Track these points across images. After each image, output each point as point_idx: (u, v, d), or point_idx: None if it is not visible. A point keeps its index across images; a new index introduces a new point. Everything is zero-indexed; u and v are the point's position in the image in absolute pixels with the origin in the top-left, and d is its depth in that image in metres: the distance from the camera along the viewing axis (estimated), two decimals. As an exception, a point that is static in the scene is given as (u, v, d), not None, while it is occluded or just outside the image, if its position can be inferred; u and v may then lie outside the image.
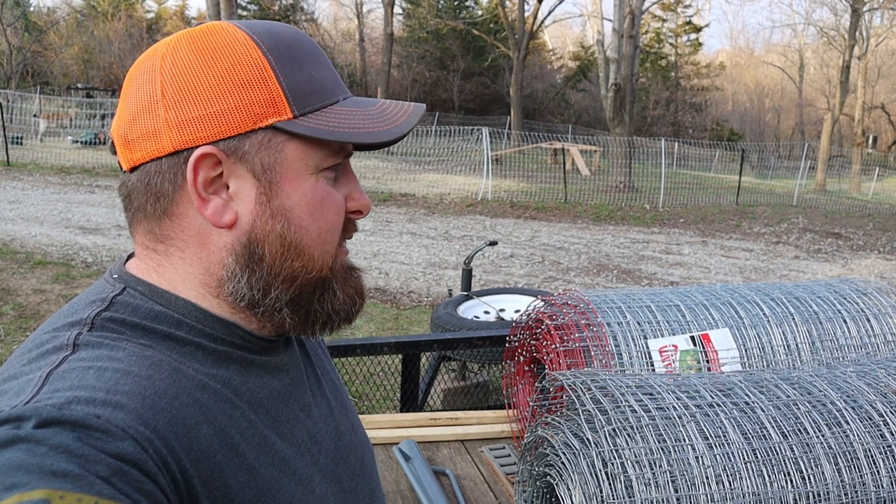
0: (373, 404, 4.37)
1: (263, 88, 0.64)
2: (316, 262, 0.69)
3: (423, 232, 10.87)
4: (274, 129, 0.65)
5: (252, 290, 0.67)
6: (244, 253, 0.67)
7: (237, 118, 0.64)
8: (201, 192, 0.65)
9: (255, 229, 0.66)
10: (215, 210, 0.65)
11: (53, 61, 33.98)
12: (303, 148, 0.67)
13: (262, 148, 0.65)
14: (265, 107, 0.64)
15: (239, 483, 0.61)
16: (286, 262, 0.68)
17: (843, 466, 1.28)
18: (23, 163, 15.27)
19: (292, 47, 0.67)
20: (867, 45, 26.20)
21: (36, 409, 0.51)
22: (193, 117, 0.64)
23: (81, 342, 0.60)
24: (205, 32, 0.67)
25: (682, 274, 9.12)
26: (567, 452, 1.30)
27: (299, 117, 0.66)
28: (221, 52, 0.65)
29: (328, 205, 0.69)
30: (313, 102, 0.67)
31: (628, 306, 1.89)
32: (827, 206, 17.42)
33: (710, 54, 51.62)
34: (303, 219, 0.68)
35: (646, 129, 34.45)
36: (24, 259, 7.50)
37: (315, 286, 0.70)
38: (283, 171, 0.66)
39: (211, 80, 0.64)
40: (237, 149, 0.65)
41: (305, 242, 0.68)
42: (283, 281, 0.68)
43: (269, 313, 0.69)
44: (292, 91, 0.65)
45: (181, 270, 0.68)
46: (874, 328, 1.90)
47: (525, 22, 29.26)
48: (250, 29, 0.67)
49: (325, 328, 0.73)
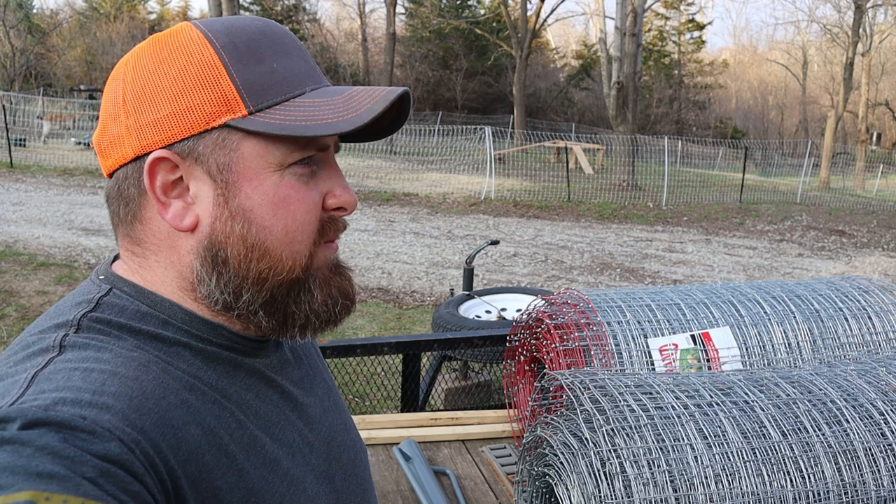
0: (374, 404, 4.37)
1: (215, 87, 0.63)
2: (285, 262, 0.67)
3: (426, 231, 10.86)
4: (228, 127, 0.64)
5: (223, 293, 0.66)
6: (208, 256, 0.66)
7: (190, 119, 0.63)
8: (160, 196, 0.65)
9: (214, 231, 0.65)
10: (175, 214, 0.65)
11: (56, 63, 34.05)
12: (262, 145, 0.64)
13: (217, 148, 0.64)
14: (217, 105, 0.63)
15: (228, 484, 0.61)
16: (252, 264, 0.66)
17: (843, 465, 1.28)
18: (26, 164, 15.31)
19: (253, 41, 0.66)
20: (871, 41, 26.09)
21: (21, 411, 0.51)
22: (149, 121, 0.64)
23: (68, 343, 0.60)
24: (166, 35, 0.66)
25: (685, 272, 9.11)
26: (565, 452, 1.29)
27: (255, 113, 0.64)
28: (175, 54, 0.64)
29: (295, 202, 0.66)
30: (272, 97, 0.65)
31: (628, 305, 1.88)
32: (831, 203, 17.36)
33: (714, 52, 51.50)
34: (265, 218, 0.65)
35: (649, 128, 34.38)
36: (27, 261, 7.52)
37: (289, 287, 0.68)
38: (241, 170, 0.64)
39: (164, 83, 0.64)
40: (192, 150, 0.64)
41: (270, 243, 0.66)
42: (252, 283, 0.66)
43: (245, 316, 0.68)
44: (247, 87, 0.64)
45: (159, 273, 0.68)
46: (876, 326, 1.89)
47: (528, 21, 29.23)
48: (209, 27, 0.66)
49: (305, 331, 0.70)
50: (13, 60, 29.62)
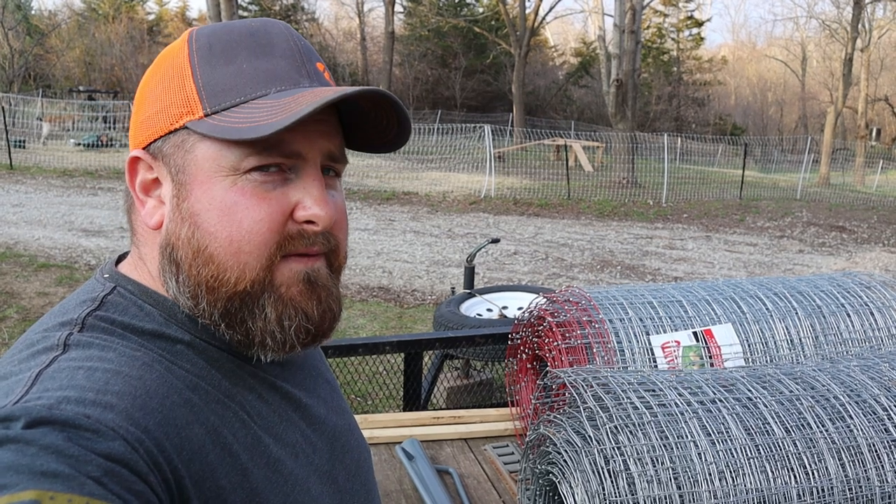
0: (376, 403, 4.37)
1: (181, 89, 0.65)
2: (230, 271, 0.63)
3: (427, 230, 10.86)
4: (187, 129, 0.64)
5: (183, 295, 0.65)
6: (165, 255, 0.66)
7: (160, 120, 0.66)
8: (139, 193, 0.68)
9: (169, 232, 0.66)
10: (147, 211, 0.68)
11: (55, 64, 34.03)
12: (215, 148, 0.63)
13: (177, 149, 0.65)
14: (181, 107, 0.64)
15: (231, 483, 0.60)
16: (197, 269, 0.64)
17: (846, 461, 1.27)
18: (26, 166, 15.30)
19: (233, 41, 0.65)
20: (870, 37, 26.07)
21: (25, 409, 0.51)
22: (137, 123, 0.68)
23: (72, 342, 0.60)
24: (174, 42, 0.70)
25: (685, 269, 9.10)
26: (569, 450, 1.29)
27: (211, 115, 0.63)
28: (165, 58, 0.68)
29: (243, 210, 0.62)
30: (231, 98, 0.63)
31: (630, 302, 1.88)
32: (831, 199, 17.35)
33: (713, 49, 51.49)
34: (211, 223, 0.63)
35: (648, 125, 34.35)
36: (28, 262, 7.51)
37: (241, 301, 0.64)
38: (193, 172, 0.64)
39: (151, 86, 0.68)
40: (160, 151, 0.66)
41: (213, 249, 0.63)
42: (205, 290, 0.64)
43: (209, 326, 0.66)
44: (207, 88, 0.63)
45: (153, 271, 0.69)
46: (878, 322, 1.89)
47: (526, 19, 29.25)
48: (201, 30, 0.68)
49: (266, 350, 0.66)
50: (12, 62, 29.60)
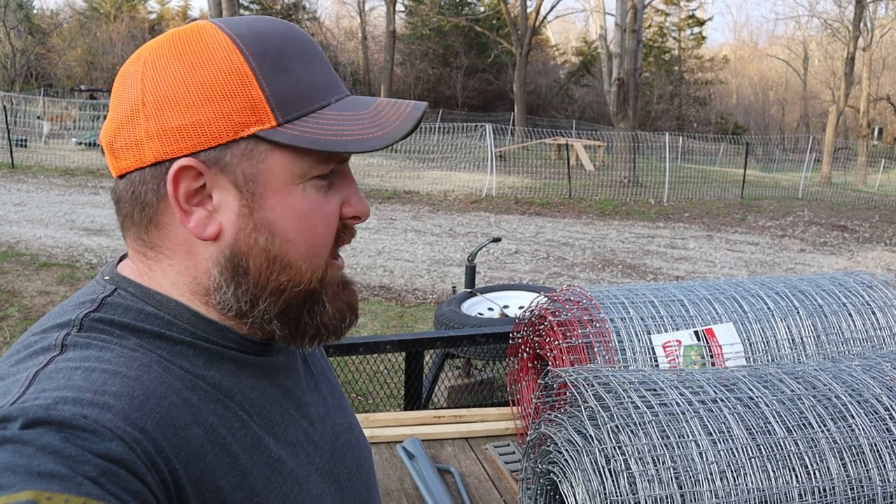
0: (377, 403, 4.37)
1: (245, 96, 0.62)
2: (304, 275, 0.67)
3: (428, 229, 10.86)
4: (256, 138, 0.62)
5: (239, 301, 0.66)
6: (228, 266, 0.65)
7: (217, 128, 0.62)
8: (183, 204, 0.63)
9: (238, 242, 0.64)
10: (198, 222, 0.64)
11: (57, 63, 34.05)
12: (288, 157, 0.63)
13: (245, 158, 0.63)
14: (247, 115, 0.62)
15: (230, 484, 0.60)
16: (272, 276, 0.65)
17: (848, 461, 1.27)
18: (27, 165, 15.32)
19: (280, 48, 0.64)
20: (872, 36, 26.04)
21: (22, 410, 0.51)
22: (173, 127, 0.62)
23: (70, 343, 0.59)
24: (187, 35, 0.64)
25: (687, 268, 9.10)
26: (570, 449, 1.29)
27: (283, 125, 0.62)
28: (201, 58, 0.62)
29: (317, 216, 0.66)
30: (299, 108, 0.63)
31: (631, 301, 1.88)
32: (832, 198, 17.33)
33: (714, 48, 51.45)
34: (289, 232, 0.65)
35: (650, 124, 34.33)
36: (29, 261, 7.52)
37: (304, 299, 0.68)
38: (267, 182, 0.63)
39: (190, 88, 0.62)
40: (218, 160, 0.62)
41: (292, 256, 0.65)
42: (270, 294, 0.66)
43: (259, 324, 0.68)
44: (276, 97, 0.62)
45: (170, 276, 0.67)
46: (879, 321, 1.89)
47: (527, 18, 29.23)
48: (234, 30, 0.64)
49: (314, 341, 0.71)
50: (14, 61, 29.63)
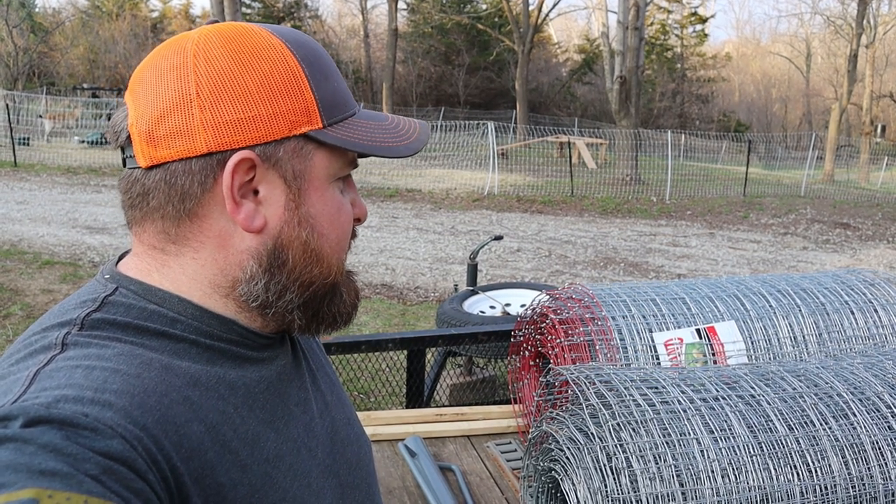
0: (379, 401, 4.37)
1: (299, 97, 0.66)
2: (332, 267, 0.72)
3: (430, 227, 10.86)
4: (306, 137, 0.67)
5: (268, 292, 0.69)
6: (268, 257, 0.68)
7: (275, 125, 0.65)
8: (236, 196, 0.65)
9: (282, 235, 0.68)
10: (247, 215, 0.66)
11: (59, 62, 34.09)
12: (328, 157, 0.69)
13: (295, 155, 0.67)
14: (300, 115, 0.66)
15: (231, 480, 0.61)
16: (307, 268, 0.70)
17: (850, 459, 1.27)
18: (30, 163, 15.34)
19: (319, 58, 0.70)
20: (875, 33, 25.98)
21: (23, 408, 0.51)
22: (231, 120, 0.64)
23: (70, 341, 0.60)
24: (237, 34, 0.67)
25: (689, 266, 9.09)
26: (571, 447, 1.29)
27: (328, 127, 0.68)
28: (258, 57, 0.66)
29: (344, 213, 0.72)
30: (338, 113, 0.69)
31: (633, 300, 1.88)
32: (835, 196, 17.30)
33: (717, 45, 51.39)
34: (324, 227, 0.70)
35: (652, 122, 34.28)
36: (32, 259, 7.54)
37: (327, 290, 0.72)
38: (311, 179, 0.68)
39: (249, 84, 0.65)
40: (272, 155, 0.66)
41: (325, 250, 0.70)
42: (299, 285, 0.70)
43: (281, 314, 0.71)
44: (322, 101, 0.68)
45: (190, 271, 0.67)
46: (882, 319, 1.88)
47: (529, 15, 29.20)
48: (282, 35, 0.69)
49: (329, 328, 0.76)
50: (16, 59, 29.66)
